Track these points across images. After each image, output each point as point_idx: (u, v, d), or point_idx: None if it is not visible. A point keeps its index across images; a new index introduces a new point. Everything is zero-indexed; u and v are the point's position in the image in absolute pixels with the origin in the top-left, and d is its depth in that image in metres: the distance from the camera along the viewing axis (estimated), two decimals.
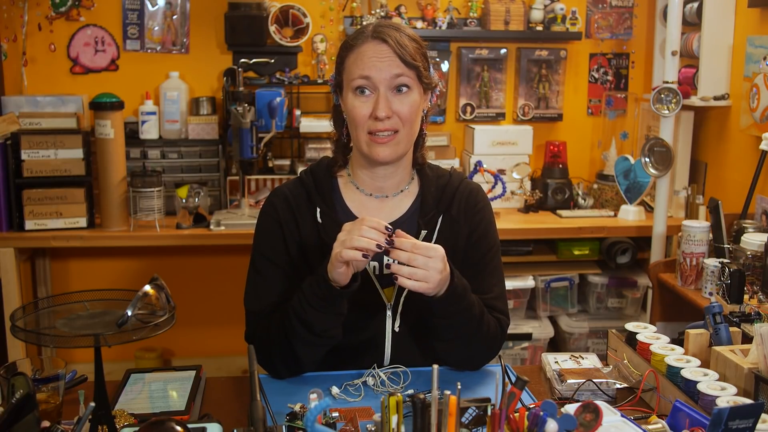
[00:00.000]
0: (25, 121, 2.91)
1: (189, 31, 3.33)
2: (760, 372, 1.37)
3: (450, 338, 1.59)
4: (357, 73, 1.58)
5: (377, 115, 1.57)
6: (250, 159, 2.96)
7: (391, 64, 1.57)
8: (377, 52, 1.57)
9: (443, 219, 1.69)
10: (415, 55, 1.59)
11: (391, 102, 1.58)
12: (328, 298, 1.50)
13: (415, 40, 1.62)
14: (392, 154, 1.61)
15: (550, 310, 3.24)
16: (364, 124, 1.59)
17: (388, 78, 1.57)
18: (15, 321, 1.21)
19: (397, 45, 1.57)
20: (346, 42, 1.63)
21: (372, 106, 1.58)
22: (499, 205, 3.27)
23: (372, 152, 1.61)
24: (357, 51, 1.59)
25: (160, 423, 1.15)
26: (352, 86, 1.60)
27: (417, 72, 1.60)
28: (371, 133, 1.59)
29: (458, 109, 3.49)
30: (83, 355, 2.84)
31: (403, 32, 1.60)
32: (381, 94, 1.58)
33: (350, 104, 1.61)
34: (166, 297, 1.27)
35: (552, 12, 3.37)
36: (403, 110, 1.59)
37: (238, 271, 1.77)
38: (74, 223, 2.91)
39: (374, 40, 1.58)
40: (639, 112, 3.45)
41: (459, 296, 1.53)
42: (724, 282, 2.20)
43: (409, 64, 1.58)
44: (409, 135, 1.63)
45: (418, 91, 1.62)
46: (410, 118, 1.60)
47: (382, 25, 1.61)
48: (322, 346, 1.58)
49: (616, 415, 1.32)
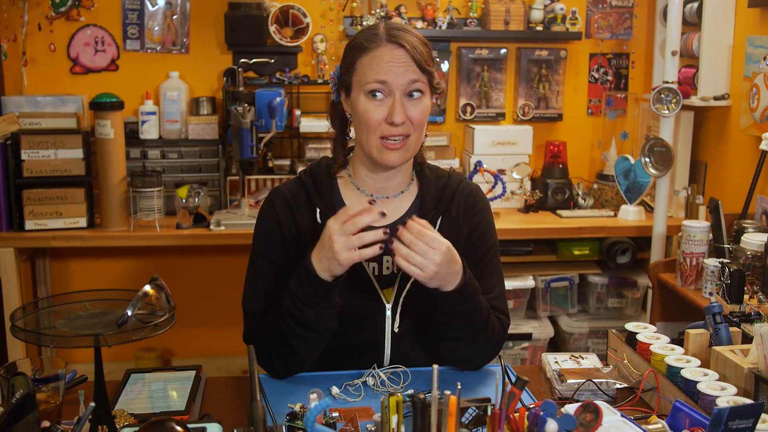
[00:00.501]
0: (25, 121, 2.91)
1: (189, 31, 3.33)
2: (760, 372, 1.37)
3: (454, 337, 1.59)
4: (372, 77, 1.57)
5: (393, 121, 1.56)
6: (250, 159, 2.96)
7: (408, 70, 1.56)
8: (394, 57, 1.56)
9: (443, 219, 1.69)
10: (428, 60, 1.59)
11: (406, 107, 1.58)
12: (321, 293, 1.50)
13: (426, 43, 1.62)
14: (402, 159, 1.61)
15: (550, 310, 3.24)
16: (377, 129, 1.58)
17: (404, 83, 1.57)
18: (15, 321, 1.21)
19: (414, 50, 1.56)
20: (358, 43, 1.61)
21: (387, 110, 1.57)
22: (499, 205, 3.27)
23: (383, 157, 1.60)
24: (372, 54, 1.58)
25: (160, 423, 1.15)
26: (366, 89, 1.58)
27: (430, 77, 1.60)
28: (384, 138, 1.58)
29: (458, 109, 3.49)
30: (83, 355, 2.84)
31: (415, 36, 1.60)
32: (397, 100, 1.57)
33: (362, 108, 1.59)
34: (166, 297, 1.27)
35: (552, 12, 3.37)
36: (416, 115, 1.58)
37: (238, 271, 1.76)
38: (74, 223, 2.91)
39: (390, 43, 1.57)
40: (639, 112, 3.45)
41: (468, 295, 1.53)
42: (724, 282, 2.20)
43: (424, 69, 1.58)
44: (418, 139, 1.63)
45: (429, 95, 1.62)
46: (421, 123, 1.60)
47: (395, 28, 1.60)
48: (321, 341, 1.58)
49: (616, 415, 1.32)
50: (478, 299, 1.57)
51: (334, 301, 1.54)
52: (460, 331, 1.58)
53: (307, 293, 1.50)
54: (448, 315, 1.55)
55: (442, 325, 1.58)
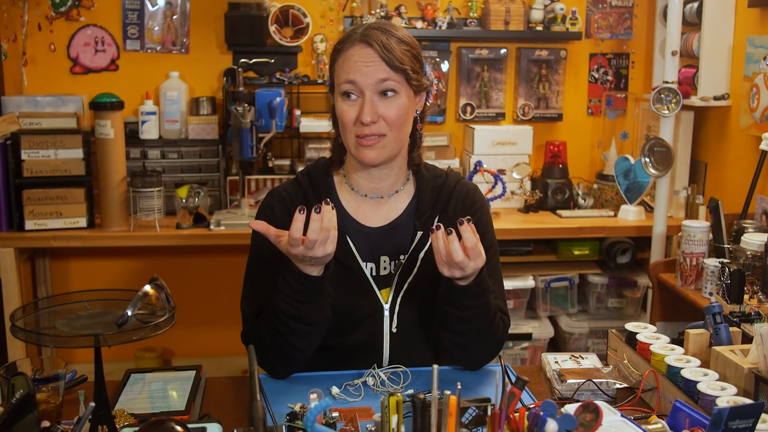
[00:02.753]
0: (25, 121, 2.90)
1: (189, 31, 3.33)
2: (760, 372, 1.37)
3: (460, 331, 1.59)
4: (343, 77, 1.58)
5: (362, 120, 1.56)
6: (250, 159, 2.96)
7: (377, 69, 1.56)
8: (362, 56, 1.56)
9: (440, 219, 1.68)
10: (402, 58, 1.57)
11: (378, 106, 1.57)
12: (312, 289, 1.50)
13: (405, 41, 1.60)
14: (378, 157, 1.60)
15: (550, 310, 3.24)
16: (352, 128, 1.59)
17: (373, 83, 1.56)
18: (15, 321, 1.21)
19: (383, 49, 1.55)
20: (336, 45, 1.63)
21: (357, 110, 1.57)
22: (499, 205, 3.27)
23: (359, 155, 1.61)
24: (344, 55, 1.59)
25: (160, 423, 1.15)
26: (340, 90, 1.59)
27: (405, 75, 1.58)
28: (358, 137, 1.59)
29: (458, 109, 3.49)
30: (83, 355, 2.84)
31: (392, 35, 1.58)
32: (367, 99, 1.57)
33: (339, 108, 1.61)
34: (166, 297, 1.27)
35: (552, 12, 3.37)
36: (389, 114, 1.58)
37: (238, 271, 1.76)
38: (74, 223, 2.91)
39: (360, 43, 1.57)
40: (639, 112, 3.45)
41: (482, 291, 1.53)
42: (724, 282, 2.20)
43: (395, 68, 1.56)
44: (397, 138, 1.62)
45: (406, 94, 1.60)
46: (397, 122, 1.59)
47: (371, 28, 1.59)
48: (319, 333, 1.58)
49: (616, 415, 1.32)
50: (489, 296, 1.57)
51: (327, 291, 1.54)
52: (466, 326, 1.57)
53: (299, 292, 1.50)
54: (457, 307, 1.55)
55: (449, 318, 1.58)
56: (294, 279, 1.50)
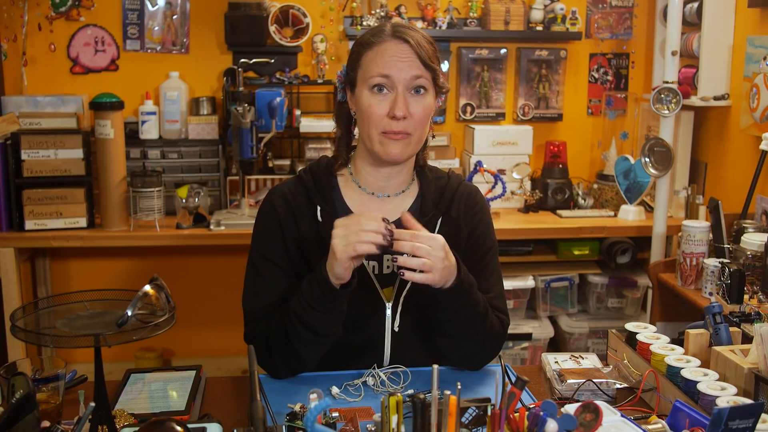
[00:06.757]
0: (25, 121, 2.91)
1: (189, 31, 3.33)
2: (760, 372, 1.37)
3: (454, 334, 1.59)
4: (376, 70, 1.58)
5: (395, 114, 1.57)
6: (250, 159, 2.96)
7: (412, 65, 1.58)
8: (398, 52, 1.58)
9: (443, 220, 1.69)
10: (432, 57, 1.60)
11: (408, 102, 1.59)
12: (328, 298, 1.50)
13: (431, 42, 1.63)
14: (402, 153, 1.61)
15: (550, 310, 3.24)
16: (379, 123, 1.59)
17: (408, 78, 1.58)
18: (15, 321, 1.20)
19: (418, 46, 1.58)
20: (365, 39, 1.63)
21: (389, 104, 1.58)
22: (499, 205, 3.27)
23: (384, 150, 1.60)
24: (377, 49, 1.59)
25: (160, 423, 1.15)
26: (370, 83, 1.59)
27: (434, 74, 1.60)
28: (385, 132, 1.59)
29: (458, 109, 3.49)
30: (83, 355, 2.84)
31: (420, 34, 1.61)
32: (399, 94, 1.58)
33: (366, 102, 1.60)
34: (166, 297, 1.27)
35: (552, 12, 3.37)
36: (418, 112, 1.59)
37: (238, 271, 1.76)
38: (74, 223, 2.91)
39: (395, 38, 1.59)
40: (639, 112, 3.45)
41: (466, 291, 1.53)
42: (724, 282, 2.20)
43: (428, 66, 1.59)
44: (420, 137, 1.64)
45: (432, 93, 1.63)
46: (423, 120, 1.61)
47: (400, 25, 1.62)
48: (324, 345, 1.58)
49: (616, 415, 1.32)
50: (476, 294, 1.57)
51: (342, 308, 1.53)
52: (459, 328, 1.58)
53: (315, 296, 1.50)
54: (447, 311, 1.55)
55: (442, 323, 1.58)
56: (315, 283, 1.50)
